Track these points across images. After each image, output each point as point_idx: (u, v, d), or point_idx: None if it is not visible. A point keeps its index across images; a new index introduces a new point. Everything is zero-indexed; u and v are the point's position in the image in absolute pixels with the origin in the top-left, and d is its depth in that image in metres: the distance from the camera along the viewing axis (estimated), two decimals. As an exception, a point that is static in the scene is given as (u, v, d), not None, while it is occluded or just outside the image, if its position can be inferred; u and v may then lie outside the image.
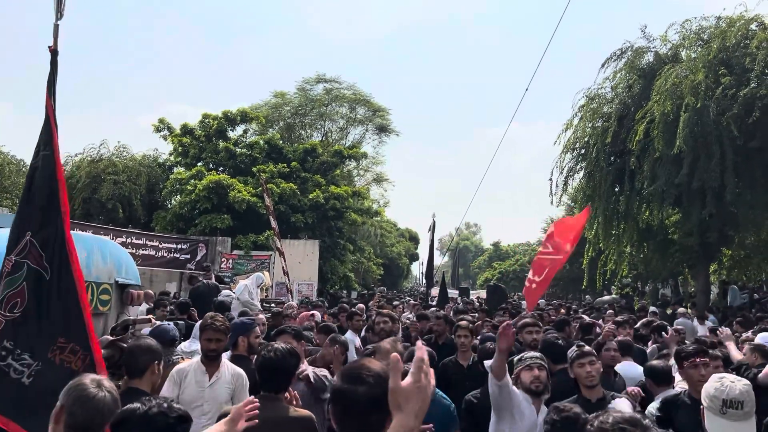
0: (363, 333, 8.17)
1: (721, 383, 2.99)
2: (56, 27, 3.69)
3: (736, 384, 2.96)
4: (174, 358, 4.97)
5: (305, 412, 3.39)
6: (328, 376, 4.42)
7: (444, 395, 4.12)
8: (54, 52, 3.64)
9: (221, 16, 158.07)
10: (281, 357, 3.31)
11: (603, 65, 19.49)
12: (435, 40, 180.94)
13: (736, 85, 15.41)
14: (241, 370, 4.41)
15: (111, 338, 5.97)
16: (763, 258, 19.63)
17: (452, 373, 5.45)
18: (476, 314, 11.59)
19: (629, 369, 5.21)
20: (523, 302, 23.47)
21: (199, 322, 5.08)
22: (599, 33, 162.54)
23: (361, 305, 10.50)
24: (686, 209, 17.39)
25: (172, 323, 5.78)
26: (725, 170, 15.32)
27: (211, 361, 4.21)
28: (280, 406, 3.26)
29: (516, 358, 4.08)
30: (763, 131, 15.07)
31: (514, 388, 3.74)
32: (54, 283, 3.17)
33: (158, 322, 7.32)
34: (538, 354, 4.00)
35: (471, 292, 42.72)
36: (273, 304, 13.36)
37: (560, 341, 5.18)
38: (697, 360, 3.93)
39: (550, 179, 20.33)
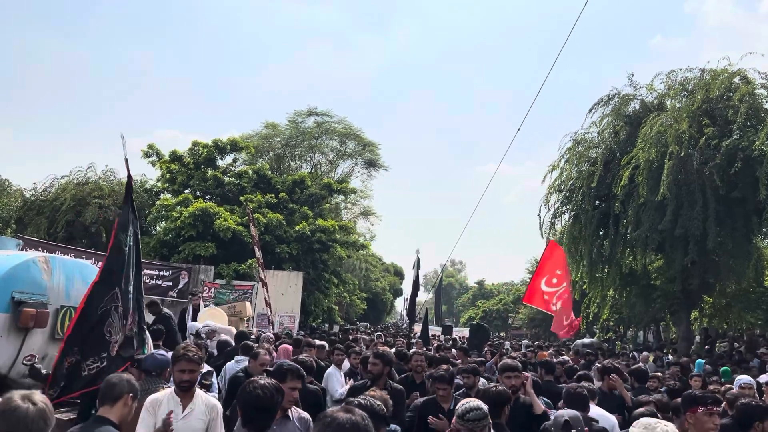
0: (348, 366, 8.29)
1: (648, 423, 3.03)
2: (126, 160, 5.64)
3: (669, 428, 2.96)
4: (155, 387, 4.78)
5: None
6: (309, 418, 4.32)
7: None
8: (129, 177, 5.72)
9: (217, 46, 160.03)
10: (270, 395, 3.18)
11: (590, 110, 19.90)
12: (426, 79, 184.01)
13: (719, 135, 15.76)
14: (216, 401, 4.33)
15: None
16: (744, 307, 19.77)
17: (433, 415, 5.35)
18: (455, 351, 11.54)
19: (604, 417, 5.14)
20: (507, 342, 23.50)
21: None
22: (587, 78, 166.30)
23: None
24: (669, 256, 17.56)
25: (164, 351, 5.64)
26: (707, 218, 15.54)
27: (184, 392, 4.12)
28: None
29: (458, 412, 3.58)
30: (745, 182, 15.35)
31: None
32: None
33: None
34: (482, 412, 3.50)
35: (454, 330, 42.51)
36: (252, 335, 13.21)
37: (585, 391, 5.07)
38: (714, 409, 3.92)
39: (539, 215, 20.55)
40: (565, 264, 15.30)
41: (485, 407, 3.58)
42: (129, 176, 5.69)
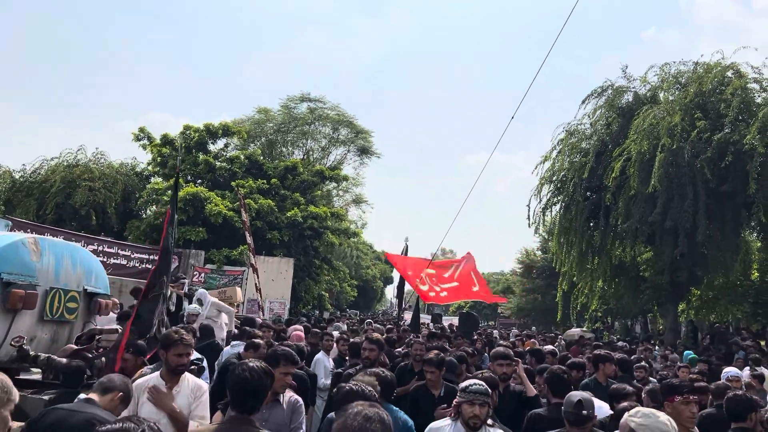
0: (337, 353, 8.32)
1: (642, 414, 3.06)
2: (179, 160, 7.92)
3: (661, 417, 2.99)
4: None
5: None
6: (300, 400, 4.34)
7: (403, 414, 4.17)
8: (177, 175, 7.17)
9: (210, 29, 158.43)
10: (257, 378, 3.12)
11: (584, 102, 19.90)
12: (421, 68, 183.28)
13: (711, 129, 15.83)
14: (202, 382, 4.34)
15: (75, 347, 5.84)
16: (731, 300, 19.95)
17: (423, 401, 5.39)
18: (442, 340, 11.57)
19: (598, 407, 5.16)
20: (495, 331, 23.61)
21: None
22: (582, 69, 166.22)
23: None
24: (658, 248, 17.67)
25: None
26: (697, 212, 15.64)
27: (175, 375, 4.14)
28: (252, 429, 3.13)
29: (461, 386, 3.91)
30: (735, 176, 15.45)
31: None
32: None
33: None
34: (483, 388, 3.77)
35: (444, 318, 42.63)
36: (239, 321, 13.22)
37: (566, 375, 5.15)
38: (690, 397, 3.93)
39: (528, 205, 20.55)
40: (413, 263, 14.08)
41: (487, 388, 3.82)
42: (177, 176, 7.47)
